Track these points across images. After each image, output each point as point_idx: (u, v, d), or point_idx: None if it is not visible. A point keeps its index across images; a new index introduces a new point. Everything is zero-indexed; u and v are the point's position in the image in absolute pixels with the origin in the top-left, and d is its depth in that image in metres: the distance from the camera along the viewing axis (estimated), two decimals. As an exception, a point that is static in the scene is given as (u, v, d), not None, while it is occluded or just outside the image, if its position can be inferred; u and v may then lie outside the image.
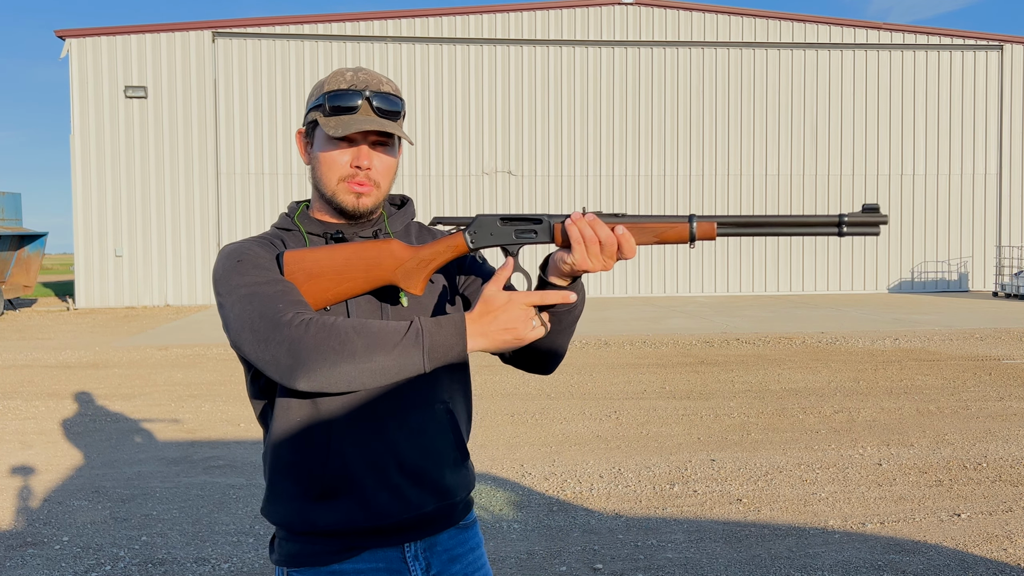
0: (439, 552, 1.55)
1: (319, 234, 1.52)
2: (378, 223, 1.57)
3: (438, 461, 1.51)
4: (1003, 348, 10.75)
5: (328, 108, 1.46)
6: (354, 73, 1.49)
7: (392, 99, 1.48)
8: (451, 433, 1.53)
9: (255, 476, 5.29)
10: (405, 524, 1.49)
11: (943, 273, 21.80)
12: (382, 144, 1.49)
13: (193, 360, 10.40)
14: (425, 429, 1.49)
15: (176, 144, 19.48)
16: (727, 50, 21.11)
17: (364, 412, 1.45)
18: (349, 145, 1.47)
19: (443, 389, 1.53)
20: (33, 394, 8.22)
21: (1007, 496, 4.78)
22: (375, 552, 1.49)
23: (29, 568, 3.84)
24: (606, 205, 20.74)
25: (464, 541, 1.60)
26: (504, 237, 1.42)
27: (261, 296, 1.37)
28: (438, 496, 1.51)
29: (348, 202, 1.48)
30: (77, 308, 18.91)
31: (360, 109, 1.45)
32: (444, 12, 20.34)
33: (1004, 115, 21.75)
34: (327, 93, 1.47)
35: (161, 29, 19.40)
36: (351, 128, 1.42)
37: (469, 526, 1.62)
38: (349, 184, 1.47)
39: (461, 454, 1.56)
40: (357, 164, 1.46)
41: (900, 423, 6.65)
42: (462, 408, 1.59)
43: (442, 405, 1.52)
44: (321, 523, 1.46)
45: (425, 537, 1.53)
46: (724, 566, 3.81)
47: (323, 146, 1.48)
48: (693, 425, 6.62)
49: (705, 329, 13.07)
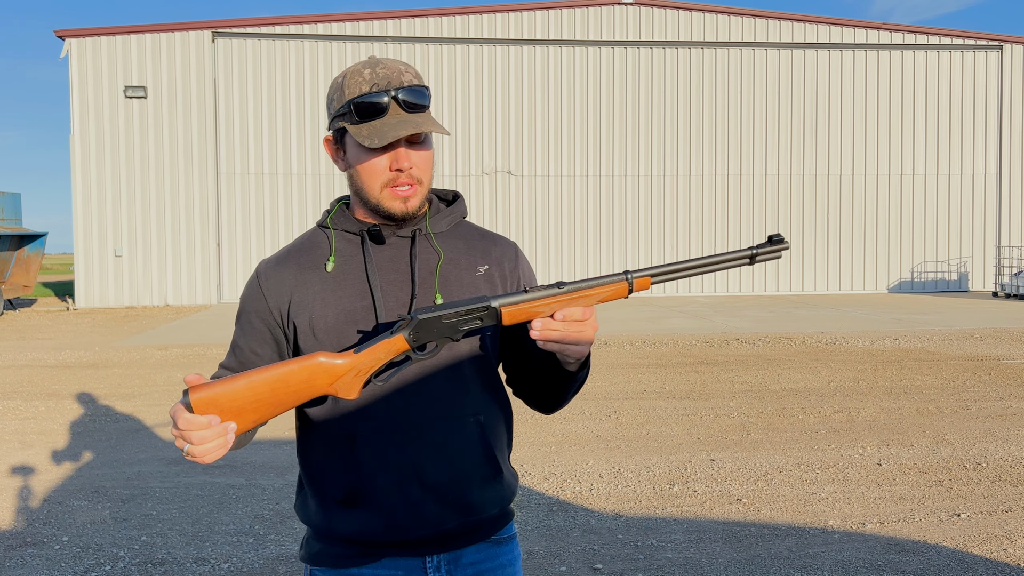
0: (464, 566, 1.50)
1: (355, 232, 1.50)
2: (419, 222, 1.51)
3: (464, 477, 1.46)
4: (1003, 348, 10.75)
5: (356, 116, 1.40)
6: (372, 70, 1.41)
7: (417, 90, 1.42)
8: (480, 447, 1.48)
9: (255, 476, 5.29)
10: (425, 539, 1.46)
11: (943, 273, 21.80)
12: (417, 140, 1.45)
13: (193, 360, 10.40)
14: (449, 443, 1.45)
15: (176, 144, 19.48)
16: (727, 50, 21.11)
17: (387, 424, 1.43)
18: (385, 149, 1.42)
19: (475, 402, 1.49)
20: (33, 394, 8.22)
21: (1007, 496, 4.78)
22: (395, 559, 1.47)
23: (29, 568, 3.84)
24: (606, 205, 20.75)
25: (495, 556, 1.54)
26: (447, 331, 1.33)
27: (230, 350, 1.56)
28: (462, 512, 1.47)
29: (396, 208, 1.45)
30: (77, 308, 18.91)
31: (389, 110, 1.40)
32: (444, 12, 20.34)
33: (1004, 115, 21.75)
34: (351, 101, 1.41)
35: (161, 29, 19.40)
36: (387, 136, 1.38)
37: (504, 541, 1.56)
38: (392, 190, 1.44)
39: (493, 469, 1.50)
40: (398, 167, 1.42)
41: (900, 423, 6.65)
42: (498, 422, 1.54)
43: (472, 419, 1.48)
44: (341, 529, 1.46)
45: (449, 551, 1.49)
46: (724, 566, 3.80)
47: (359, 155, 1.44)
48: (693, 425, 6.62)
49: (705, 329, 13.07)
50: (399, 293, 1.46)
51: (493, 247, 1.58)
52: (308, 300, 1.46)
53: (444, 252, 1.51)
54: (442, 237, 1.53)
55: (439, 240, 1.52)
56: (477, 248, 1.56)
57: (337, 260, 1.48)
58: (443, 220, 1.55)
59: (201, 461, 1.26)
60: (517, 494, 1.60)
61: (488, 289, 1.52)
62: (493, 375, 1.54)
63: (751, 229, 21.26)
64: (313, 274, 1.48)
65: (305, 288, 1.47)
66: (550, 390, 1.52)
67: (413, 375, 1.44)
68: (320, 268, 1.48)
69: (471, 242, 1.56)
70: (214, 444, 1.25)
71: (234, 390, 1.28)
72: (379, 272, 1.47)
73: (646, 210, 20.96)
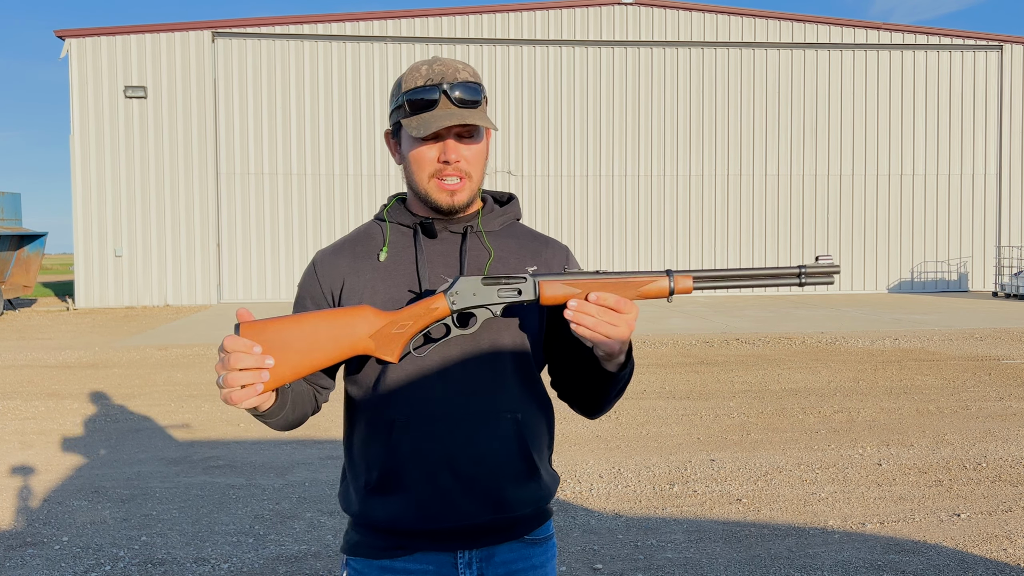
0: (496, 564, 1.51)
1: (408, 224, 1.55)
2: (471, 219, 1.55)
3: (496, 472, 1.48)
4: (1003, 348, 10.75)
5: (408, 108, 1.46)
6: (429, 66, 1.47)
7: (470, 86, 1.46)
8: (516, 445, 1.49)
9: (255, 476, 5.29)
10: (457, 531, 1.48)
11: (943, 273, 21.80)
12: (467, 135, 1.48)
13: (193, 360, 10.40)
14: (483, 438, 1.47)
15: (176, 144, 19.48)
16: (727, 50, 21.11)
17: (423, 413, 1.46)
18: (435, 141, 1.47)
19: (513, 400, 1.50)
20: (33, 394, 8.22)
21: (1007, 496, 4.78)
22: (426, 554, 1.49)
23: (29, 568, 3.84)
24: (606, 205, 20.75)
25: (528, 556, 1.54)
26: (487, 297, 1.39)
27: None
28: (494, 508, 1.48)
29: (442, 200, 1.49)
30: (77, 308, 18.91)
31: (439, 103, 1.44)
32: (444, 12, 20.34)
33: (1004, 115, 21.74)
34: (405, 92, 1.47)
35: (161, 29, 19.39)
36: (431, 126, 1.42)
37: (539, 542, 1.57)
38: (439, 183, 1.48)
39: (529, 468, 1.51)
40: (445, 159, 1.46)
41: (900, 423, 6.65)
42: (538, 422, 1.55)
43: (510, 415, 1.49)
44: (375, 516, 1.50)
45: (481, 547, 1.50)
46: (724, 566, 3.80)
47: (410, 146, 1.49)
48: (693, 425, 6.62)
49: (705, 329, 13.07)
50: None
51: (544, 249, 1.60)
52: (359, 287, 1.51)
53: (495, 250, 1.54)
54: (494, 236, 1.57)
55: (491, 239, 1.56)
56: (528, 248, 1.59)
57: (390, 251, 1.54)
58: (496, 219, 1.58)
59: (232, 399, 1.26)
60: (555, 495, 1.60)
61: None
62: (534, 375, 1.56)
63: (751, 229, 21.26)
64: (366, 263, 1.53)
65: (358, 275, 1.52)
66: (592, 391, 1.53)
67: (454, 365, 1.46)
68: (373, 258, 1.54)
69: (523, 242, 1.59)
70: (249, 375, 1.26)
71: (281, 324, 1.34)
72: (429, 265, 1.51)
73: (646, 210, 20.96)
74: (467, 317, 1.42)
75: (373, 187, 20.18)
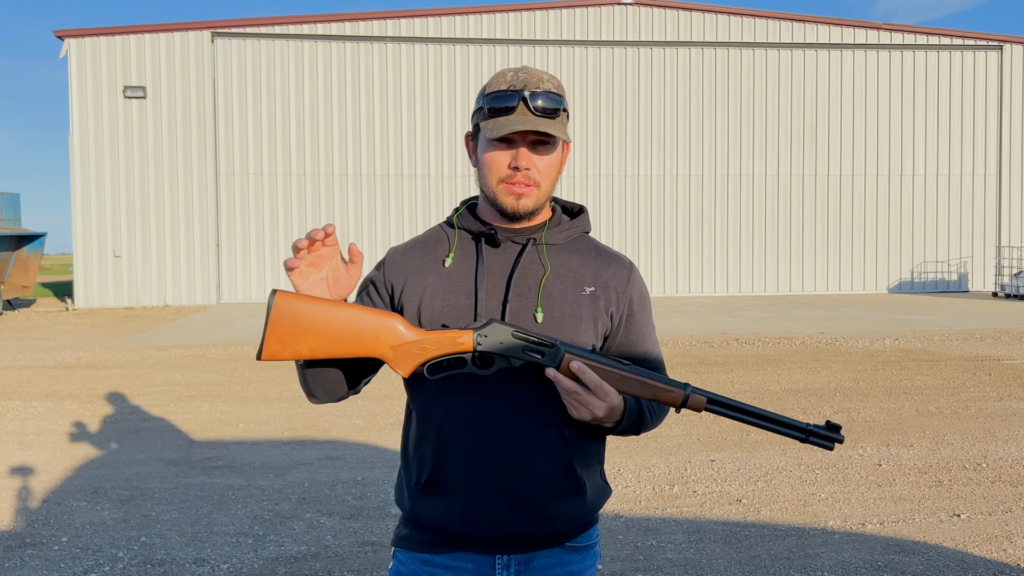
0: (534, 568, 1.53)
1: (472, 231, 1.56)
2: (536, 231, 1.55)
3: (538, 487, 1.49)
4: (1003, 348, 10.75)
5: (487, 111, 1.48)
6: (514, 73, 1.49)
7: (551, 96, 1.47)
8: (559, 462, 1.50)
9: (254, 477, 5.29)
10: (497, 538, 1.50)
11: (943, 273, 21.80)
12: (542, 143, 1.48)
13: (192, 361, 10.39)
14: (527, 452, 1.48)
15: (175, 144, 19.47)
16: (727, 50, 21.12)
17: (471, 421, 1.48)
18: (508, 146, 1.48)
19: (561, 417, 1.48)
20: (32, 394, 8.21)
21: (1007, 496, 4.78)
22: (468, 554, 1.53)
23: (28, 569, 3.83)
24: (605, 205, 20.75)
25: (567, 563, 1.55)
26: (512, 350, 1.40)
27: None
28: (534, 522, 1.49)
29: (508, 203, 1.49)
30: (76, 308, 18.90)
31: (517, 109, 1.46)
32: (444, 12, 20.34)
33: (1004, 115, 21.75)
34: (487, 95, 1.49)
35: (160, 29, 19.39)
36: (504, 129, 1.43)
37: (580, 549, 1.57)
38: (508, 186, 1.49)
39: (572, 484, 1.51)
40: (515, 165, 1.47)
41: (900, 423, 6.65)
42: (587, 439, 1.54)
43: (556, 432, 1.49)
44: (422, 514, 1.54)
45: (521, 553, 1.52)
46: (724, 566, 3.80)
47: (484, 148, 1.50)
48: (693, 425, 6.61)
49: (705, 329, 13.06)
50: (502, 296, 1.51)
51: (606, 268, 1.59)
52: (420, 288, 1.54)
53: (553, 266, 1.54)
54: (557, 250, 1.56)
55: (553, 252, 1.56)
56: (589, 267, 1.57)
57: (455, 257, 1.55)
58: (561, 232, 1.58)
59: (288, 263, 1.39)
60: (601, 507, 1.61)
61: (591, 310, 1.53)
62: None
63: (751, 229, 21.26)
64: (431, 266, 1.56)
65: (421, 277, 1.55)
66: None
67: (505, 377, 1.47)
68: (439, 262, 1.56)
69: (585, 259, 1.58)
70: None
71: (317, 304, 1.38)
72: (488, 275, 1.52)
73: (646, 210, 20.97)
74: (489, 359, 1.43)
75: (373, 187, 20.18)
